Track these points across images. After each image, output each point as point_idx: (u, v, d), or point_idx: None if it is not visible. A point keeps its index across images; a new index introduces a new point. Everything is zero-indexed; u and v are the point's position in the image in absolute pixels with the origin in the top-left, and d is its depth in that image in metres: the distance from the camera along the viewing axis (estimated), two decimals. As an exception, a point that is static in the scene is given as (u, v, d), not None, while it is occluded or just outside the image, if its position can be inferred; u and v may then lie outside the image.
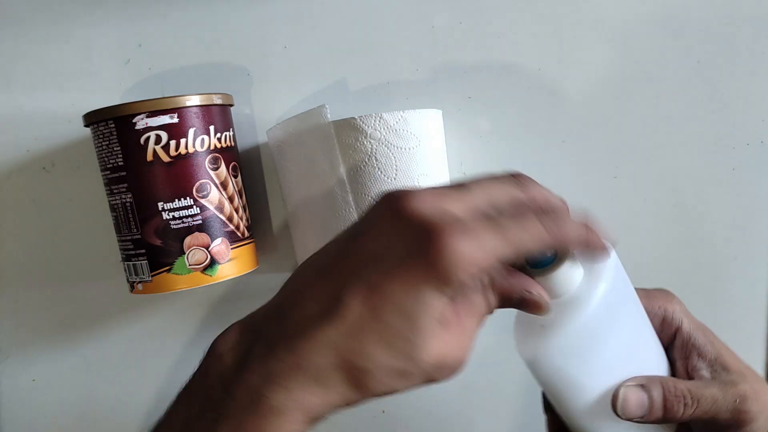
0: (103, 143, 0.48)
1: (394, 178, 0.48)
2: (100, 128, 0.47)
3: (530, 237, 0.31)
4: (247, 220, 0.52)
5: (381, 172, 0.48)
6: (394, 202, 0.31)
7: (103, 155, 0.48)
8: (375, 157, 0.48)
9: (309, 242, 0.52)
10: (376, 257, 0.30)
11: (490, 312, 0.34)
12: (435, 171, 0.50)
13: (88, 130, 0.50)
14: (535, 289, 0.34)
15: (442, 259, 0.29)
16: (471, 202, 0.31)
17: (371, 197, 0.48)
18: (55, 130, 0.55)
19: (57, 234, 0.56)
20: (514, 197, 0.33)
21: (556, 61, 0.56)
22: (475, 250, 0.29)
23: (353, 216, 0.49)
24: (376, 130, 0.47)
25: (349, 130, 0.48)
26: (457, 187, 0.32)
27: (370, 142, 0.48)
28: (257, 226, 0.56)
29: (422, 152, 0.49)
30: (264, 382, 0.30)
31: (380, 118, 0.47)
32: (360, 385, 0.30)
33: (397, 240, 0.30)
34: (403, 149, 0.48)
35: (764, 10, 0.55)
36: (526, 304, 0.34)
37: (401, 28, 0.56)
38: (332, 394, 0.30)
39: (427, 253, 0.29)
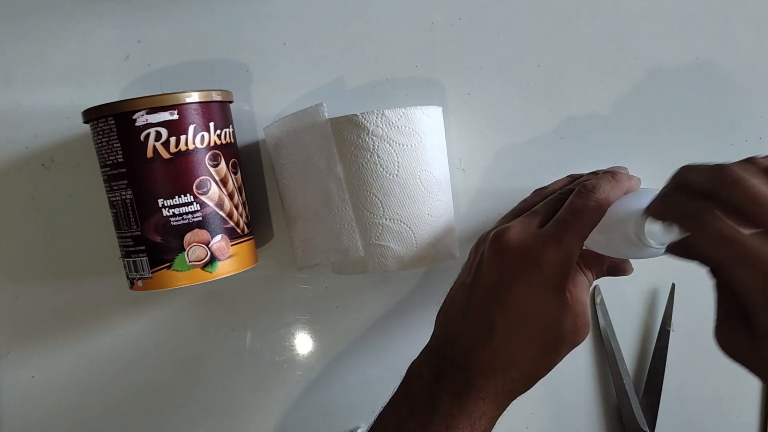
0: (103, 140, 0.48)
1: (396, 175, 0.48)
2: (100, 125, 0.47)
3: (585, 221, 0.41)
4: (247, 216, 0.52)
5: (383, 168, 0.48)
6: (496, 242, 0.42)
7: (103, 152, 0.48)
8: (377, 153, 0.48)
9: (307, 239, 0.52)
10: (496, 284, 0.41)
11: (591, 282, 0.46)
12: (436, 167, 0.50)
13: (87, 126, 0.50)
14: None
15: (543, 265, 0.40)
16: (543, 216, 0.44)
17: (373, 194, 0.48)
18: (54, 127, 0.55)
19: (56, 230, 0.56)
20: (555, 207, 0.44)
21: (555, 58, 0.56)
22: (563, 249, 0.40)
23: (349, 213, 0.49)
24: (378, 126, 0.47)
25: (350, 127, 0.48)
26: (531, 213, 0.44)
27: (372, 139, 0.48)
28: (257, 223, 0.56)
29: (423, 148, 0.49)
30: (463, 385, 0.41)
31: (382, 114, 0.47)
32: (527, 376, 0.42)
33: (507, 266, 0.41)
34: (405, 146, 0.48)
35: (763, 7, 0.55)
36: (614, 270, 0.47)
37: (400, 25, 0.56)
38: (511, 386, 0.42)
39: (531, 265, 0.40)
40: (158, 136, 0.46)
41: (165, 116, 0.46)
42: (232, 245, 0.49)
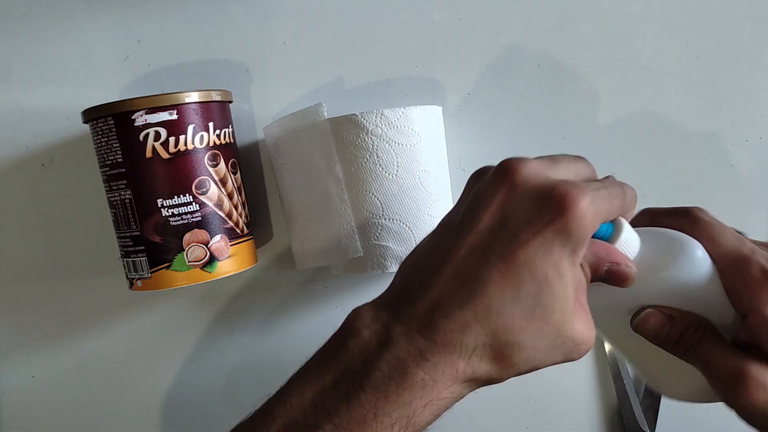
0: (102, 140, 0.48)
1: (395, 174, 0.48)
2: (99, 125, 0.47)
3: (621, 201, 0.32)
4: (247, 216, 0.52)
5: (382, 168, 0.48)
6: (506, 175, 0.31)
7: (102, 152, 0.48)
8: (376, 153, 0.48)
9: (306, 240, 0.52)
10: (499, 228, 0.31)
11: (587, 282, 0.33)
12: (435, 167, 0.50)
13: (86, 126, 0.50)
14: (622, 260, 0.33)
15: (571, 217, 0.29)
16: (572, 171, 0.33)
17: (372, 194, 0.48)
18: (53, 127, 0.55)
19: (56, 231, 0.56)
20: (592, 170, 0.34)
21: (555, 58, 0.56)
22: (594, 209, 0.30)
23: (349, 213, 0.49)
24: (377, 126, 0.47)
25: (350, 127, 0.48)
26: (550, 158, 0.33)
27: (371, 139, 0.48)
28: (256, 223, 0.56)
29: (423, 148, 0.49)
30: (411, 357, 0.30)
31: (381, 114, 0.47)
32: (505, 359, 0.31)
33: (519, 207, 0.30)
34: (404, 145, 0.48)
35: (763, 6, 0.55)
36: (613, 277, 0.33)
37: (401, 24, 0.56)
38: (477, 369, 0.31)
39: (555, 212, 0.29)
40: (157, 136, 0.46)
41: (164, 116, 0.46)
42: (231, 245, 0.49)
